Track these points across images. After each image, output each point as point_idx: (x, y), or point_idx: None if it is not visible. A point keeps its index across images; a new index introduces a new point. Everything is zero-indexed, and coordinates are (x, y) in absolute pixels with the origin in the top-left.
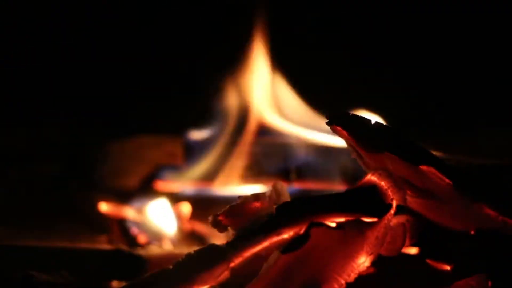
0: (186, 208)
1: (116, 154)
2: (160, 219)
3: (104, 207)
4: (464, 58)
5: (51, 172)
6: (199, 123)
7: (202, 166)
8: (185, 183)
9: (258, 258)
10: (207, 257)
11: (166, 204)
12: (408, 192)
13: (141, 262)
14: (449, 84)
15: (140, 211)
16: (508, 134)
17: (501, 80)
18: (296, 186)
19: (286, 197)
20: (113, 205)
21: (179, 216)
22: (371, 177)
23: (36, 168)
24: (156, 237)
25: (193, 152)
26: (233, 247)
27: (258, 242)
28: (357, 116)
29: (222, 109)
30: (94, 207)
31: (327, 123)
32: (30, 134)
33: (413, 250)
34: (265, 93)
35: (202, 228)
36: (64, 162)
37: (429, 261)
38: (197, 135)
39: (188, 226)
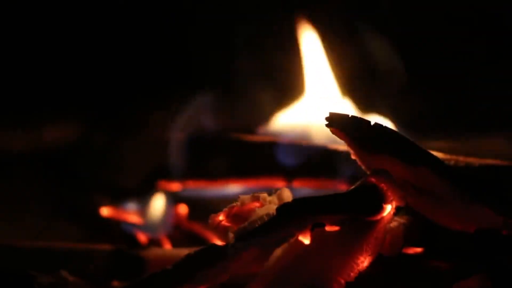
0: (183, 209)
1: (116, 154)
2: (159, 213)
3: (105, 211)
4: (464, 58)
5: (50, 172)
6: (200, 122)
7: (202, 165)
8: (185, 183)
9: (258, 258)
10: (207, 257)
11: (164, 201)
12: (408, 192)
13: (141, 262)
14: (450, 84)
15: (140, 211)
16: (508, 135)
17: (501, 80)
18: (296, 186)
19: None
20: (113, 206)
21: (177, 217)
22: (371, 178)
23: (35, 168)
24: (155, 231)
25: (192, 151)
26: (232, 247)
27: (258, 242)
28: (356, 117)
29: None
30: (94, 207)
31: (326, 125)
32: (29, 134)
33: (413, 250)
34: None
35: (201, 228)
36: (63, 162)
37: (429, 261)
38: (198, 134)
39: (186, 226)
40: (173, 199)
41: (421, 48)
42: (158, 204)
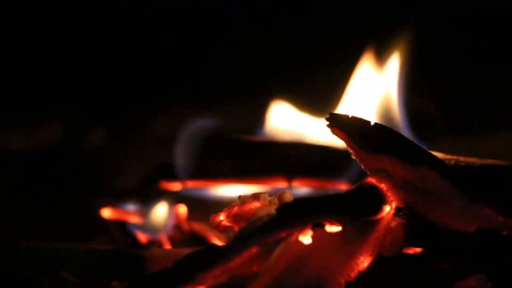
0: (183, 209)
1: (116, 154)
2: (159, 213)
3: (105, 212)
4: (464, 58)
5: (50, 173)
6: (200, 122)
7: (202, 165)
8: (185, 183)
9: (258, 258)
10: (207, 257)
11: (164, 201)
12: (408, 192)
13: (141, 262)
14: (450, 84)
15: (140, 211)
16: (508, 135)
17: (502, 80)
18: (296, 186)
19: None
20: (113, 206)
21: (177, 217)
22: (371, 178)
23: (35, 169)
24: (155, 231)
25: (193, 151)
26: (233, 247)
27: (258, 242)
28: (356, 117)
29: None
30: (94, 207)
31: (327, 125)
32: (29, 134)
33: (413, 250)
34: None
35: (202, 228)
36: (63, 162)
37: (429, 261)
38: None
39: (186, 226)
40: (173, 199)
41: (421, 49)
42: (158, 204)
